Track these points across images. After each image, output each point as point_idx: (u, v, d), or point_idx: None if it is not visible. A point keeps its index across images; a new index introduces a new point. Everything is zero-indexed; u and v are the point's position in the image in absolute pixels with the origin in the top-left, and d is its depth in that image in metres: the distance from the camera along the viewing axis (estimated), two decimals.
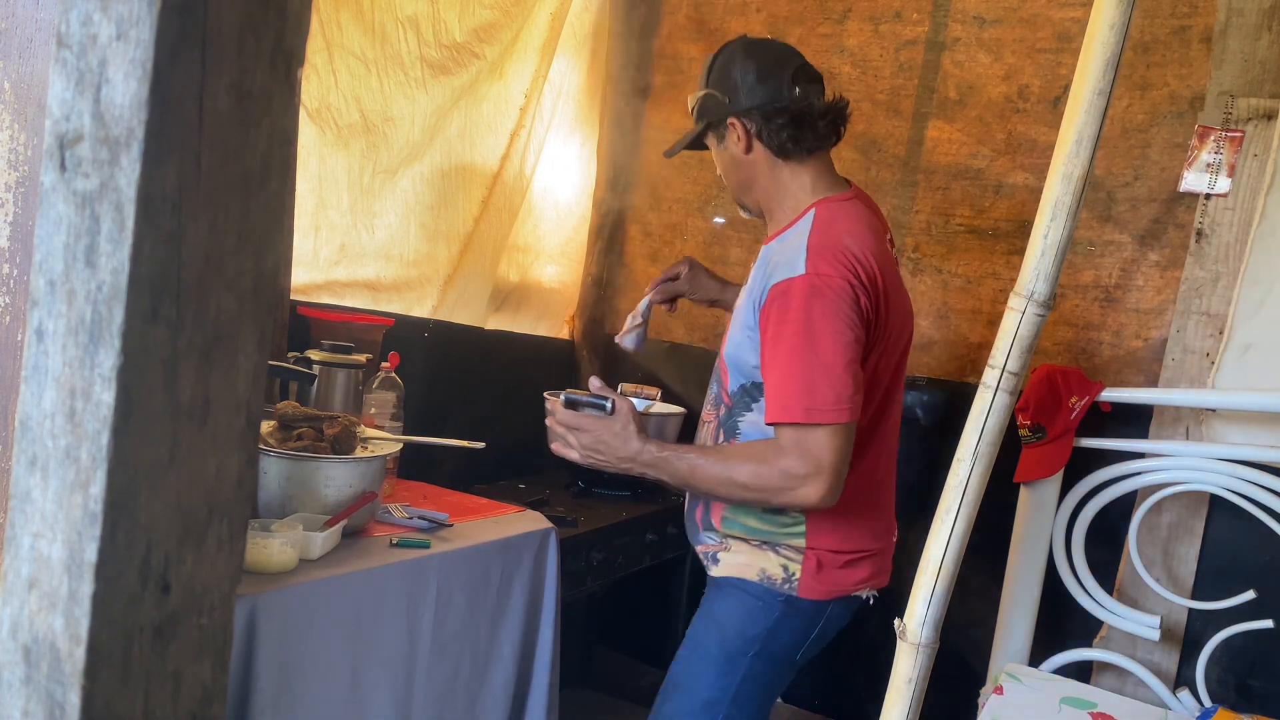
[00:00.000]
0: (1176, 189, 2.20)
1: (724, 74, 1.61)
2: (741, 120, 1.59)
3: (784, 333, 1.47)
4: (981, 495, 0.99)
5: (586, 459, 1.61)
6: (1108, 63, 0.88)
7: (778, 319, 1.48)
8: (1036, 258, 0.94)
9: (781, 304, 1.48)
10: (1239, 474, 2.02)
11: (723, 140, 1.64)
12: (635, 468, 1.58)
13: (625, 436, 1.57)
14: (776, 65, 1.59)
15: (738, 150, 1.62)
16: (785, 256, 1.52)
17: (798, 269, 1.48)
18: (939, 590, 1.00)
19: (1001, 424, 0.97)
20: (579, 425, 1.59)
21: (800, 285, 1.46)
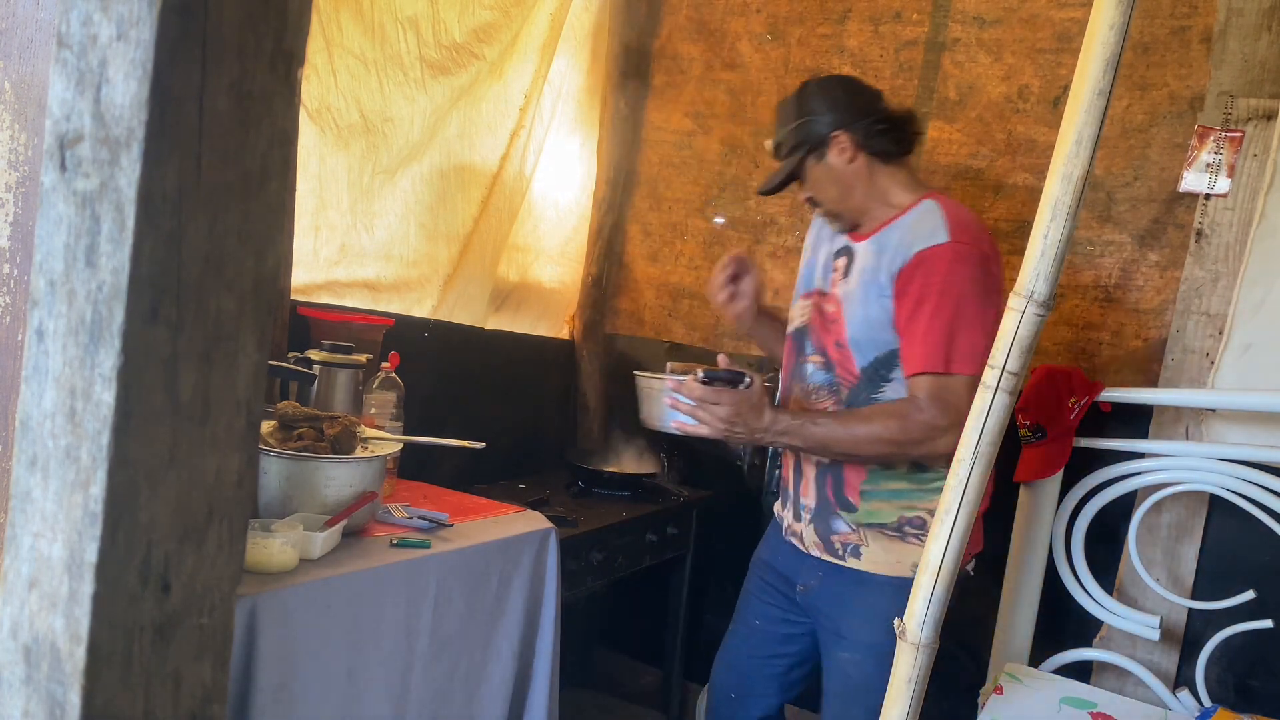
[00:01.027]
0: (1176, 189, 2.20)
1: (817, 100, 1.79)
2: (847, 131, 1.75)
3: (929, 293, 1.62)
4: (981, 495, 0.99)
5: (722, 433, 1.70)
6: (1108, 63, 0.88)
7: (922, 282, 1.63)
8: (1036, 258, 0.94)
9: (926, 268, 1.63)
10: (1239, 474, 2.02)
11: (824, 157, 1.78)
12: (768, 437, 1.69)
13: (761, 408, 1.68)
14: (858, 88, 1.82)
15: (841, 162, 1.77)
16: (920, 231, 1.67)
17: (940, 238, 1.64)
18: (939, 590, 1.00)
19: (1001, 424, 0.97)
20: (718, 399, 1.68)
21: (944, 251, 1.63)
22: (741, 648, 2.01)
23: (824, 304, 1.84)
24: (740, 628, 2.04)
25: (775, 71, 2.76)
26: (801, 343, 1.88)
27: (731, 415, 1.67)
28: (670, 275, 2.96)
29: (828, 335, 1.81)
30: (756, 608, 2.01)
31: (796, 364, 1.89)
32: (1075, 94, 0.91)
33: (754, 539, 2.79)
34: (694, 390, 1.70)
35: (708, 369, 1.74)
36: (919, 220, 1.70)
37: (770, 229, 2.80)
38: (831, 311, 1.81)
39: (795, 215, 2.76)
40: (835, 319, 1.79)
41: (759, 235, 2.82)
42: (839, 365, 1.78)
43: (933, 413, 1.61)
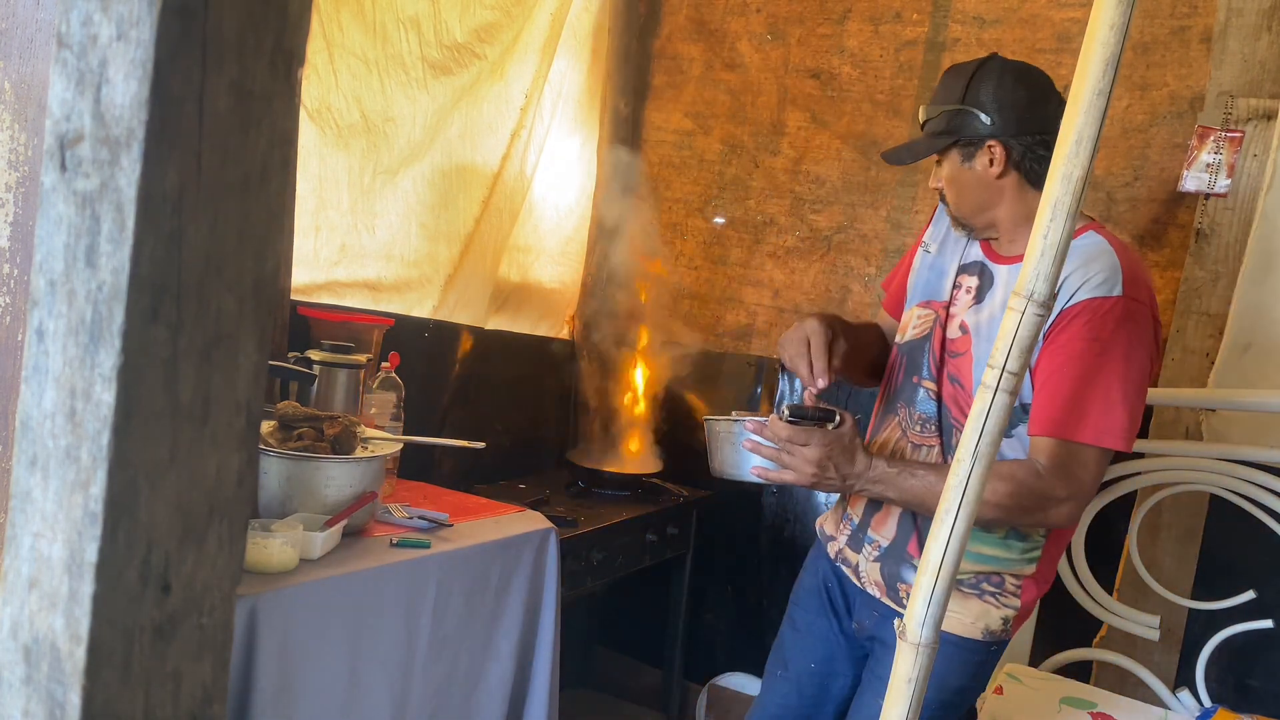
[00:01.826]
0: (1176, 189, 2.20)
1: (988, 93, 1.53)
2: (1004, 144, 1.53)
3: (1090, 350, 1.43)
4: (981, 495, 0.99)
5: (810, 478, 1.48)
6: (1108, 63, 0.88)
7: (1085, 335, 1.43)
8: (1036, 258, 0.94)
9: (1091, 321, 1.43)
10: (1239, 474, 2.02)
11: (971, 159, 1.56)
12: (859, 484, 1.49)
13: (854, 451, 1.48)
14: (1045, 95, 1.55)
15: (987, 173, 1.55)
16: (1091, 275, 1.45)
17: (1114, 290, 1.44)
18: (939, 590, 0.99)
19: (1001, 424, 0.97)
20: (807, 440, 1.46)
21: (1116, 307, 1.43)
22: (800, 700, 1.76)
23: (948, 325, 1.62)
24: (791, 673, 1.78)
25: (775, 71, 2.76)
26: (917, 360, 1.65)
27: (822, 458, 1.46)
28: (670, 275, 2.96)
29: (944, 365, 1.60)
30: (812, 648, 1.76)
31: (907, 382, 1.66)
32: (1075, 94, 0.91)
33: (754, 539, 2.80)
34: (780, 430, 1.48)
35: (793, 405, 1.51)
36: (1087, 260, 1.47)
37: (770, 229, 2.80)
38: (955, 340, 1.60)
39: (795, 215, 2.76)
40: (960, 351, 1.58)
41: (759, 235, 2.82)
42: (952, 403, 1.58)
43: (1053, 482, 1.43)
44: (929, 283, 1.69)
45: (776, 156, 2.77)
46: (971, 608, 1.55)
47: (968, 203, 1.59)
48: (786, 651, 1.80)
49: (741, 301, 2.84)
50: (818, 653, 1.75)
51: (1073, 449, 1.43)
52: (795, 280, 2.76)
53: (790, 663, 1.78)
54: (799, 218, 2.75)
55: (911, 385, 1.65)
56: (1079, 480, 1.43)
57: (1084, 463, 1.43)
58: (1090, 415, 1.42)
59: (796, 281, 2.76)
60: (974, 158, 1.55)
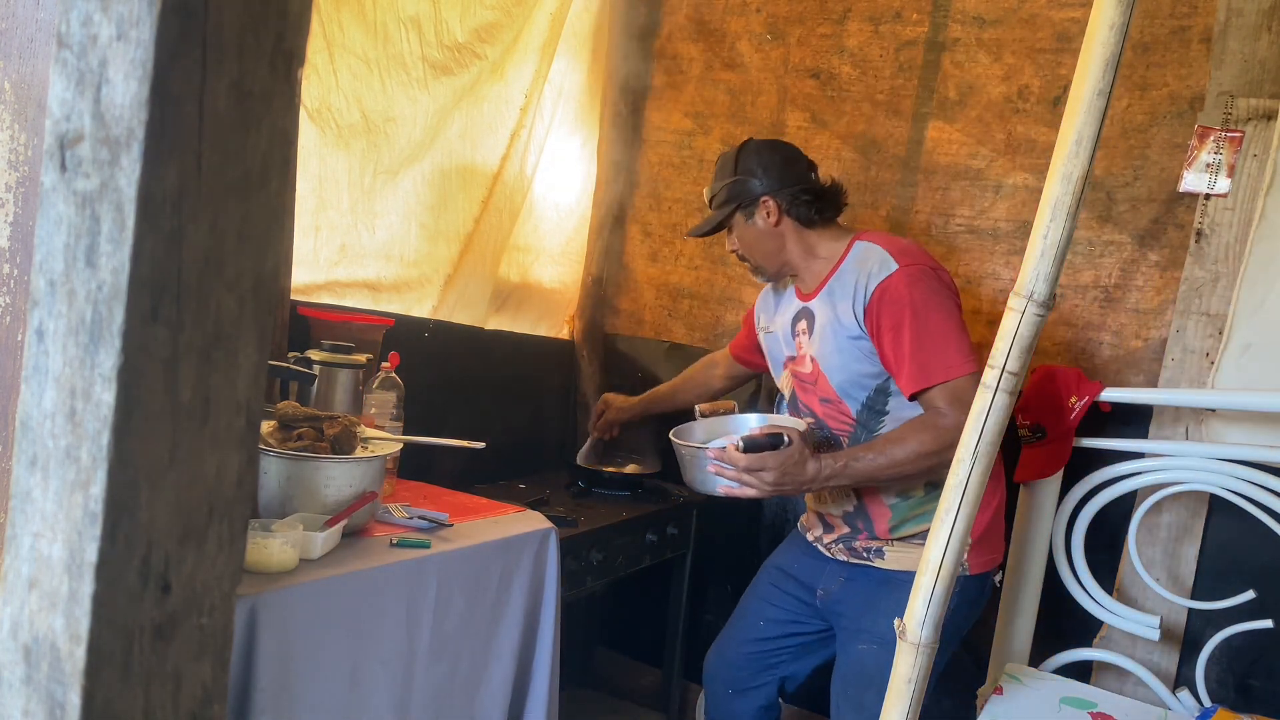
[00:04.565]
0: (1176, 189, 2.20)
1: (752, 161, 1.92)
2: (774, 198, 1.90)
3: (903, 318, 1.72)
4: (981, 495, 0.99)
5: (771, 493, 1.74)
6: (1108, 63, 0.88)
7: (891, 311, 1.74)
8: (1036, 258, 0.94)
9: (890, 297, 1.74)
10: (1239, 474, 2.02)
11: (751, 217, 1.93)
12: (816, 485, 1.75)
13: (804, 461, 1.73)
14: (794, 157, 1.96)
15: (767, 224, 1.91)
16: (869, 269, 1.79)
17: (890, 268, 1.76)
18: (939, 590, 1.00)
19: (1001, 424, 0.97)
20: (763, 465, 1.72)
21: (898, 277, 1.75)
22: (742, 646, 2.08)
23: (798, 369, 1.94)
24: (742, 626, 2.10)
25: (775, 71, 2.76)
26: (795, 410, 1.98)
27: (778, 478, 1.71)
28: (670, 275, 2.96)
29: (810, 395, 1.91)
30: (763, 609, 2.07)
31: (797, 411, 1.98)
32: (1075, 94, 0.91)
33: (754, 539, 2.80)
34: (737, 460, 1.73)
35: (746, 437, 1.75)
36: (862, 260, 1.81)
37: None
38: (807, 373, 1.92)
39: None
40: (814, 378, 1.90)
41: None
42: (830, 419, 1.89)
43: (956, 415, 1.66)
44: (775, 352, 2.05)
45: None
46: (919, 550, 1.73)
47: (760, 252, 1.95)
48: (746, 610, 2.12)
49: (741, 302, 2.84)
50: (770, 614, 2.06)
51: (951, 385, 1.71)
52: None
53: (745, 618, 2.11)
54: None
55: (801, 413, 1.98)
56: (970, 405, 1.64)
57: (966, 388, 1.66)
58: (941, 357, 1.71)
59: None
60: (754, 215, 1.92)
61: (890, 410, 1.83)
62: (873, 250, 1.82)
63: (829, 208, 1.94)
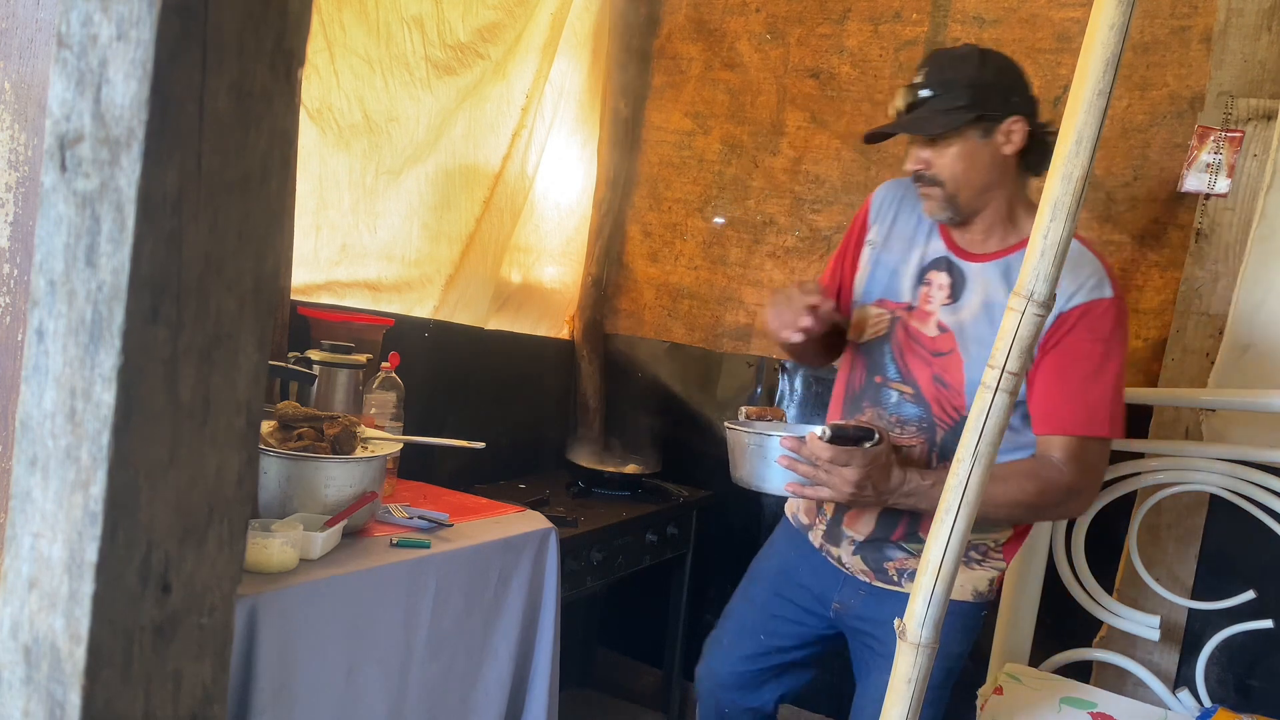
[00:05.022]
0: (1176, 189, 2.20)
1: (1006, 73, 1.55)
2: (1027, 124, 1.53)
3: (1095, 350, 1.49)
4: (981, 495, 0.99)
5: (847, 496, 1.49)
6: (1108, 63, 0.88)
7: (1088, 336, 1.50)
8: (1036, 258, 0.94)
9: (1091, 323, 1.50)
10: (1239, 474, 2.02)
11: (989, 135, 1.53)
12: (893, 499, 1.51)
13: (889, 468, 1.49)
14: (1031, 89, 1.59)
15: (999, 153, 1.54)
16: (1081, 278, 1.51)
17: (1105, 291, 1.51)
18: (939, 590, 1.00)
19: (1001, 424, 0.97)
20: (849, 461, 1.46)
21: (1111, 308, 1.51)
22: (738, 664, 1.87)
23: (917, 325, 1.62)
24: (739, 642, 1.88)
25: (775, 71, 2.76)
26: (880, 361, 1.66)
27: (861, 479, 1.47)
28: (670, 275, 2.96)
29: (924, 365, 1.61)
30: (765, 622, 1.84)
31: (870, 384, 1.68)
32: (1075, 94, 0.91)
33: (754, 539, 2.79)
34: (821, 451, 1.47)
35: (834, 425, 1.51)
36: (1075, 264, 1.51)
37: (770, 229, 2.80)
38: (934, 339, 1.60)
39: (795, 215, 2.76)
40: (944, 350, 1.59)
41: (758, 235, 2.82)
42: (936, 403, 1.60)
43: (1073, 476, 1.49)
44: (883, 281, 1.68)
45: (776, 156, 2.77)
46: (961, 574, 1.62)
47: (975, 183, 1.55)
48: (743, 619, 1.86)
49: (741, 302, 2.84)
50: (772, 628, 1.82)
51: (1087, 443, 1.50)
52: (795, 280, 2.76)
53: (741, 634, 1.86)
54: (799, 218, 2.75)
55: (876, 385, 1.66)
56: (1096, 471, 1.52)
57: (1098, 454, 1.51)
58: (1100, 410, 1.49)
59: (796, 281, 2.76)
60: (993, 134, 1.53)
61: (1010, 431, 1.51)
62: (1086, 257, 1.53)
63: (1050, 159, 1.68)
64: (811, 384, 2.73)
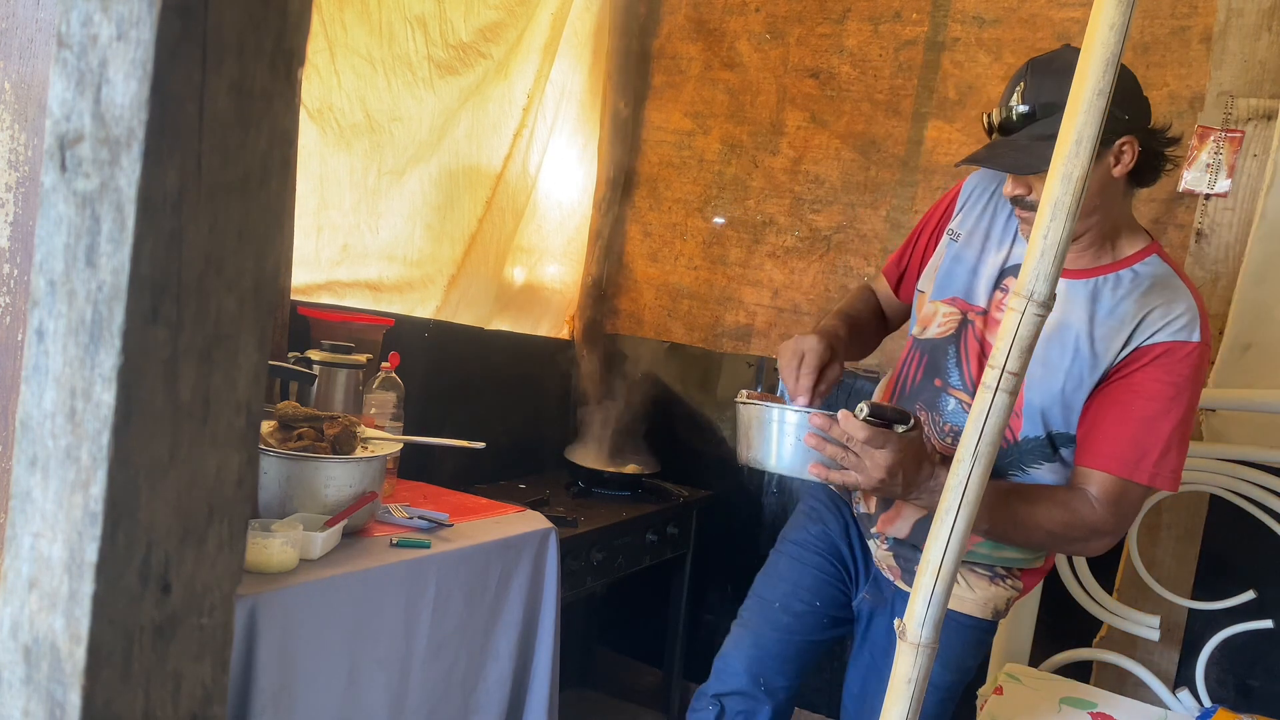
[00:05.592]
0: (1176, 189, 2.20)
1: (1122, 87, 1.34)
2: (1139, 142, 1.39)
3: (1164, 393, 1.40)
4: (981, 495, 0.99)
5: (876, 484, 1.34)
6: (1108, 63, 0.88)
7: (1162, 378, 1.40)
8: (1036, 258, 0.94)
9: (1169, 366, 1.40)
10: (1239, 474, 2.02)
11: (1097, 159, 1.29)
12: (918, 494, 1.38)
13: (923, 458, 1.36)
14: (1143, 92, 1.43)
15: (1109, 173, 1.40)
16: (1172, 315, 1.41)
17: (1194, 335, 1.41)
18: (939, 590, 1.00)
19: (1001, 424, 0.97)
20: (885, 443, 1.32)
21: (1194, 354, 1.41)
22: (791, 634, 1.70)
23: (988, 333, 1.52)
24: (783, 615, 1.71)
25: (774, 71, 2.76)
26: (941, 363, 1.56)
27: (894, 464, 1.32)
28: (670, 275, 2.96)
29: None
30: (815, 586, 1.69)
31: (927, 384, 1.58)
32: (1075, 94, 0.91)
33: (754, 539, 2.80)
34: (856, 430, 1.31)
35: (874, 404, 1.33)
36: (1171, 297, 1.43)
37: (770, 229, 2.80)
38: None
39: (795, 215, 2.76)
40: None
41: (758, 235, 2.82)
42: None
43: (1104, 516, 1.41)
44: (959, 278, 1.58)
45: (776, 156, 2.77)
46: (984, 590, 1.59)
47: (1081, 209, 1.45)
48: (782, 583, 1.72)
49: (741, 302, 2.84)
50: (823, 594, 1.70)
51: (1129, 487, 1.42)
52: (795, 280, 2.76)
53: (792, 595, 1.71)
54: (798, 218, 2.75)
55: (934, 389, 1.56)
56: (1127, 516, 1.44)
57: (1135, 500, 1.43)
58: (1152, 456, 1.40)
59: (796, 281, 2.76)
60: (1103, 157, 1.38)
61: (1057, 461, 1.49)
62: (1183, 292, 1.44)
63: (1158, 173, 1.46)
64: None
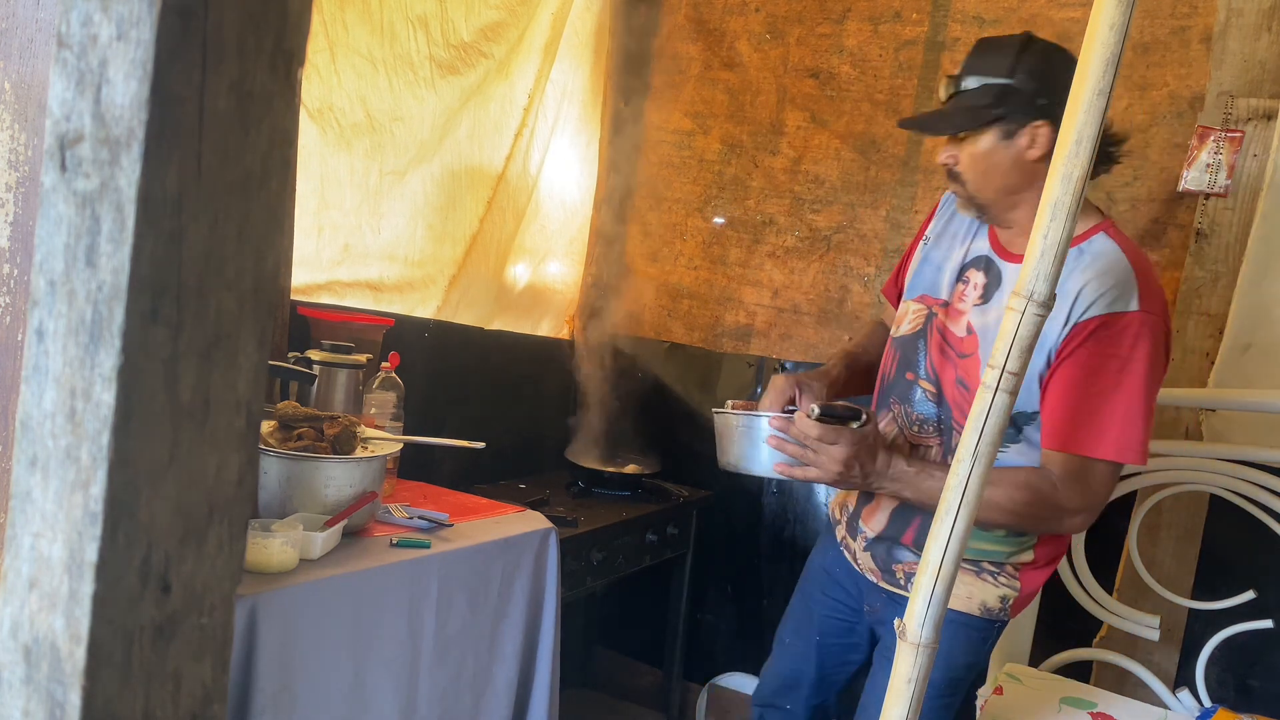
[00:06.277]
0: (1176, 189, 2.20)
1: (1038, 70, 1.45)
2: (1052, 128, 1.43)
3: (1108, 366, 1.41)
4: (980, 495, 0.99)
5: (835, 477, 1.46)
6: (1108, 63, 0.88)
7: (1101, 351, 1.42)
8: (1036, 258, 0.94)
9: (1109, 337, 1.41)
10: (1239, 474, 2.02)
11: (1011, 138, 1.48)
12: (878, 482, 1.48)
13: (877, 449, 1.47)
14: None
15: (1023, 155, 1.47)
16: (1107, 287, 1.43)
17: (1130, 305, 1.42)
18: (939, 590, 1.00)
19: (1001, 424, 0.97)
20: (836, 439, 1.44)
21: (1135, 323, 1.41)
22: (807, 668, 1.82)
23: (950, 323, 1.59)
24: (800, 642, 1.84)
25: (774, 71, 2.76)
26: (912, 358, 1.63)
27: (849, 457, 1.43)
28: (670, 275, 2.96)
29: (948, 366, 1.57)
30: (822, 623, 1.81)
31: (900, 378, 1.65)
32: (1075, 94, 0.91)
33: (754, 539, 2.80)
34: (809, 429, 1.45)
35: (822, 404, 1.49)
36: (1103, 267, 1.45)
37: (770, 229, 2.80)
38: (961, 339, 1.56)
39: (795, 215, 2.76)
40: (968, 352, 1.55)
41: (758, 235, 2.82)
42: (955, 406, 1.56)
43: (1068, 494, 1.43)
44: (926, 276, 1.66)
45: (776, 156, 2.77)
46: (968, 584, 1.58)
47: (994, 185, 1.51)
48: (795, 623, 1.85)
49: (741, 302, 2.84)
50: (825, 626, 1.79)
51: (1088, 463, 1.43)
52: (795, 280, 2.76)
53: (799, 633, 1.83)
54: (798, 217, 2.75)
55: (905, 382, 1.63)
56: (1093, 493, 1.44)
57: (1099, 476, 1.43)
58: (1109, 431, 1.41)
59: (796, 281, 2.76)
60: (1015, 136, 1.46)
61: (1021, 441, 1.51)
62: (1120, 264, 1.45)
63: (1103, 160, 1.53)
64: None
